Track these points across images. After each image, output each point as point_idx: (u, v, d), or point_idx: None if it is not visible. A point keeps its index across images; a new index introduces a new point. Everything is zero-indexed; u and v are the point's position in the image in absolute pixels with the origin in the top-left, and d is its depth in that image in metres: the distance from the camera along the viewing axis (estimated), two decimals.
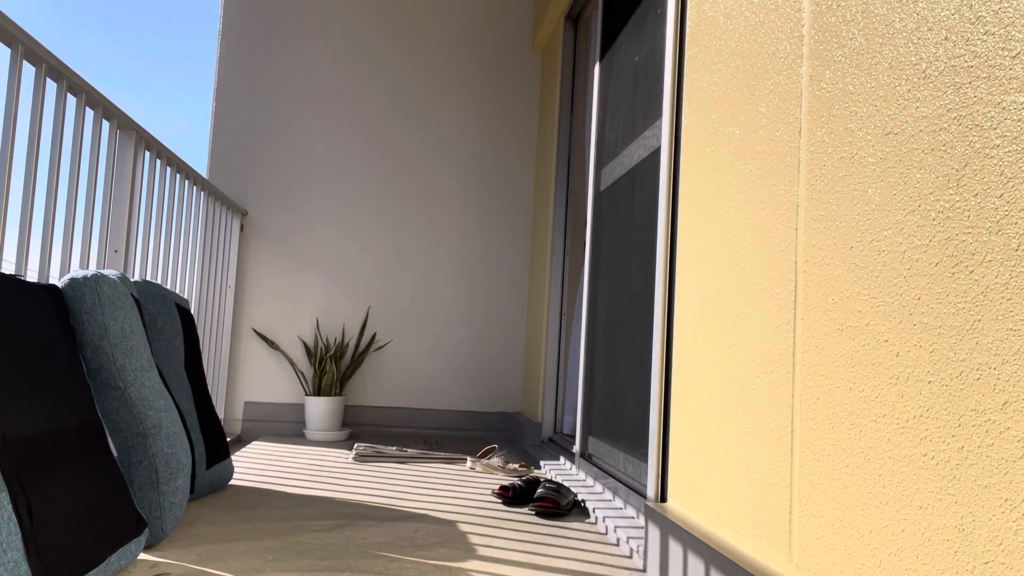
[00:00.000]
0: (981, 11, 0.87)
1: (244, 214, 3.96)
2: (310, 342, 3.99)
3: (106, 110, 2.18)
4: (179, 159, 2.79)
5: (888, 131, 1.02)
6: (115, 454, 1.75)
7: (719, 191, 1.57)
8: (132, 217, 2.39)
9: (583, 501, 2.39)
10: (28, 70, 1.79)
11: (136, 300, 1.84)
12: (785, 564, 1.20)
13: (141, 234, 2.50)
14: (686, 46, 1.83)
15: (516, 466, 3.07)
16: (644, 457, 2.06)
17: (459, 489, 2.64)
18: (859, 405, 1.04)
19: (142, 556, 1.69)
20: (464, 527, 2.09)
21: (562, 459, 3.06)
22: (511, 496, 2.42)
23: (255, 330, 3.96)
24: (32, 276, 1.72)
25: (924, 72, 0.95)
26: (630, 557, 1.87)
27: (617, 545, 1.98)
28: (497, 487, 2.50)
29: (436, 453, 3.41)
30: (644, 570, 1.76)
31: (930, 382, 0.91)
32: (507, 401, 4.19)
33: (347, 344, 3.99)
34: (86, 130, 2.08)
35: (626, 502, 2.18)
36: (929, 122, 0.94)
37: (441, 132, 4.20)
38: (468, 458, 3.18)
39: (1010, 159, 0.81)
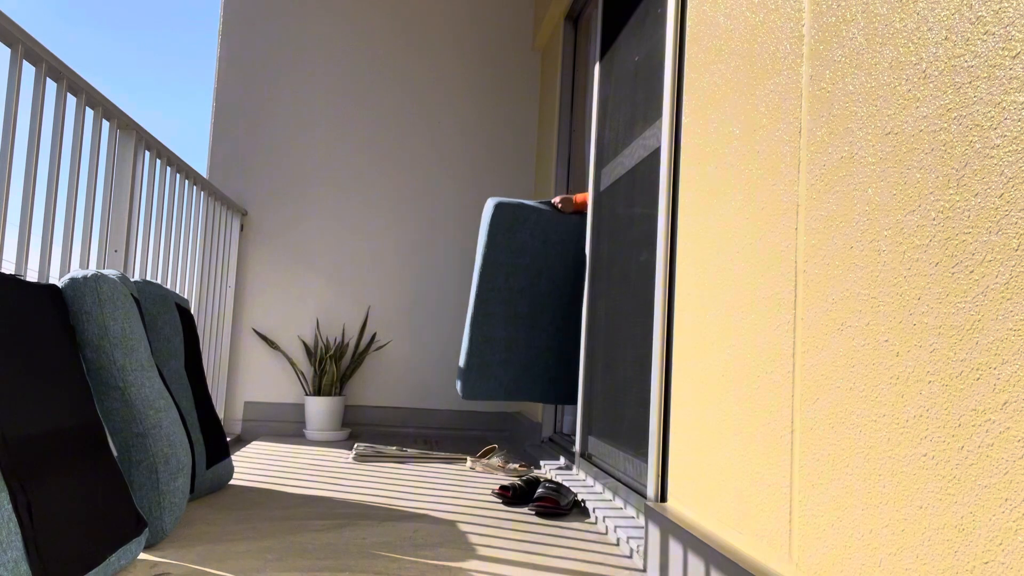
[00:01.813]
0: (981, 11, 0.87)
1: (244, 214, 3.96)
2: (310, 342, 3.99)
3: (106, 110, 2.18)
4: (179, 159, 2.79)
5: (888, 131, 1.02)
6: (115, 454, 1.75)
7: (719, 191, 1.57)
8: (132, 217, 2.39)
9: (583, 501, 2.39)
10: (28, 70, 1.79)
11: (136, 300, 1.84)
12: (785, 564, 1.20)
13: (141, 234, 2.50)
14: (686, 46, 1.83)
15: (516, 466, 3.07)
16: (644, 457, 2.06)
17: (459, 489, 2.65)
18: (859, 405, 1.04)
19: (142, 556, 1.69)
20: (464, 527, 2.09)
21: (562, 459, 3.06)
22: (511, 496, 2.42)
23: (255, 330, 3.96)
24: (32, 276, 1.72)
25: (924, 72, 0.95)
26: (630, 557, 1.87)
27: (617, 545, 1.98)
28: (497, 487, 2.50)
29: (436, 453, 3.41)
30: (644, 570, 1.76)
31: (930, 382, 0.91)
32: (507, 401, 4.19)
33: (347, 344, 3.99)
34: (86, 130, 2.08)
35: (626, 502, 2.18)
36: (929, 122, 0.94)
37: (441, 132, 4.20)
38: (468, 458, 3.18)
39: (1010, 159, 0.81)
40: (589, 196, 2.82)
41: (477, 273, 2.80)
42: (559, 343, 2.94)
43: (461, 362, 2.82)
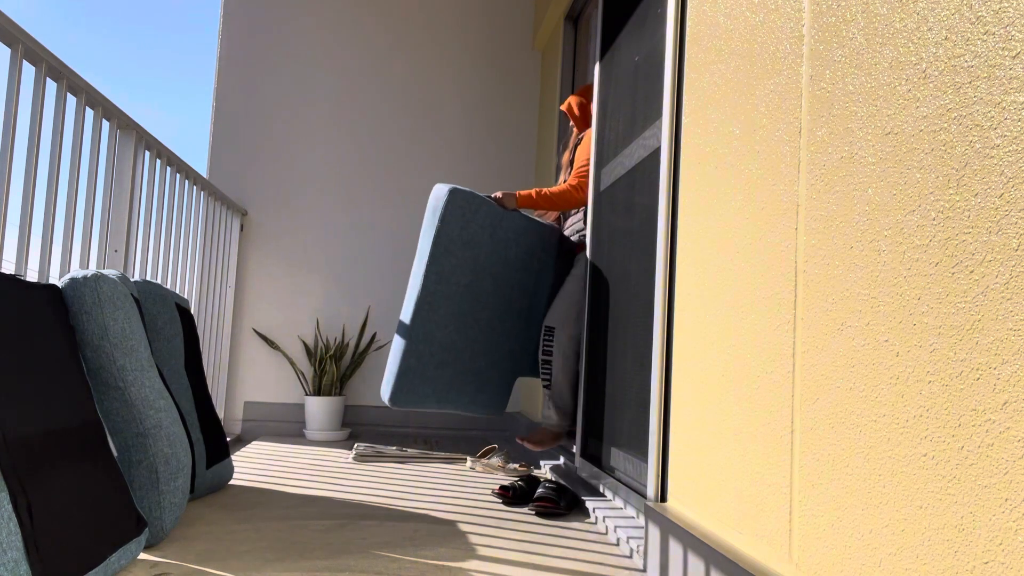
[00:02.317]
0: (981, 11, 0.87)
1: (244, 214, 3.96)
2: (310, 342, 3.99)
3: (106, 110, 2.18)
4: (179, 159, 2.79)
5: (888, 131, 1.02)
6: (115, 454, 1.75)
7: (719, 191, 1.57)
8: (132, 217, 2.39)
9: (583, 501, 2.39)
10: (28, 70, 1.79)
11: (136, 300, 1.84)
12: (785, 564, 1.20)
13: (141, 234, 2.50)
14: (686, 46, 1.83)
15: (516, 466, 3.07)
16: (644, 457, 2.06)
17: (459, 489, 2.64)
18: (859, 405, 1.04)
19: (142, 556, 1.69)
20: (464, 527, 2.09)
21: (562, 459, 3.06)
22: (511, 496, 2.43)
23: (255, 330, 3.96)
24: (32, 276, 1.73)
25: (924, 72, 0.95)
26: (630, 557, 1.87)
27: (617, 545, 1.98)
28: (497, 487, 2.50)
29: (436, 453, 3.41)
30: (644, 570, 1.76)
31: (930, 382, 0.91)
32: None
33: (347, 344, 3.99)
34: (86, 130, 2.08)
35: (626, 502, 2.18)
36: (929, 122, 0.94)
37: (441, 131, 4.20)
38: (468, 458, 3.18)
39: (1010, 159, 0.81)
40: (589, 196, 2.82)
41: (424, 264, 2.54)
42: (492, 347, 2.77)
43: (394, 364, 2.53)
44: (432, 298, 2.55)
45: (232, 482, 2.57)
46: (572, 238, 2.98)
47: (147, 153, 2.53)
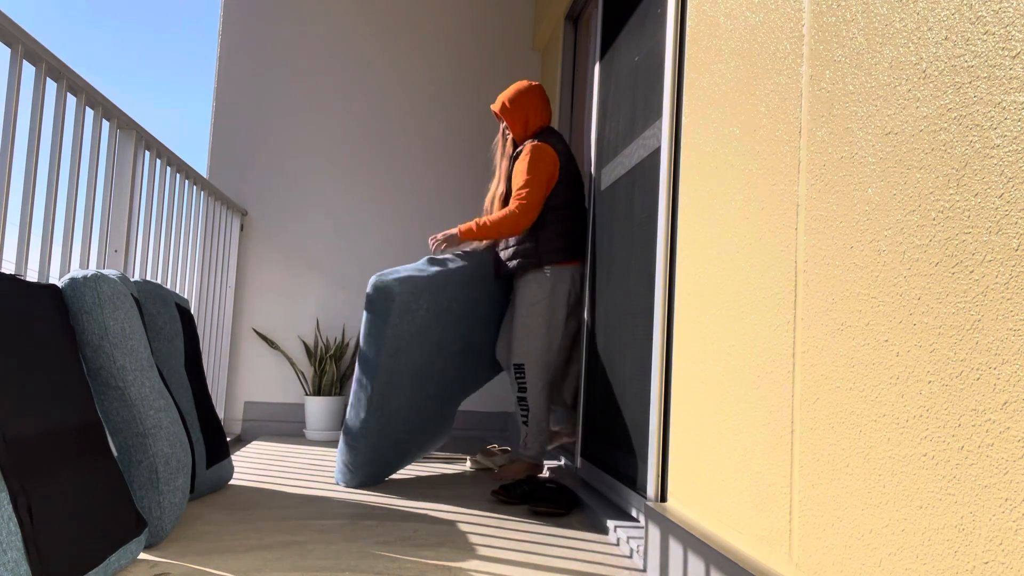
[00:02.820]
0: (981, 11, 0.87)
1: (244, 214, 3.96)
2: (310, 342, 3.99)
3: (106, 110, 2.18)
4: (179, 159, 2.79)
5: (888, 131, 1.02)
6: (115, 454, 1.75)
7: (719, 191, 1.57)
8: (132, 217, 2.39)
9: (583, 501, 2.39)
10: (28, 70, 1.79)
11: (136, 300, 1.84)
12: (785, 564, 1.20)
13: (141, 234, 2.50)
14: (686, 46, 1.83)
15: None
16: (644, 457, 2.06)
17: (459, 489, 2.64)
18: (859, 405, 1.04)
19: (142, 556, 1.69)
20: (464, 527, 2.09)
21: (562, 459, 3.06)
22: (510, 496, 2.42)
23: (255, 330, 3.96)
24: (32, 276, 1.72)
25: (924, 72, 0.95)
26: (630, 557, 1.87)
27: (617, 545, 1.98)
28: (497, 487, 2.50)
29: (436, 453, 3.41)
30: (644, 570, 1.76)
31: (930, 382, 0.91)
32: (507, 401, 4.19)
33: (347, 344, 3.99)
34: (86, 130, 2.08)
35: (626, 502, 2.18)
36: (929, 122, 0.94)
37: (441, 132, 4.20)
38: (468, 458, 3.18)
39: (1010, 159, 0.81)
40: (589, 199, 2.82)
41: (374, 367, 2.48)
42: (441, 400, 2.77)
43: (352, 456, 2.55)
44: (385, 391, 2.52)
45: (232, 482, 2.57)
46: (511, 263, 2.80)
47: (147, 153, 2.53)
